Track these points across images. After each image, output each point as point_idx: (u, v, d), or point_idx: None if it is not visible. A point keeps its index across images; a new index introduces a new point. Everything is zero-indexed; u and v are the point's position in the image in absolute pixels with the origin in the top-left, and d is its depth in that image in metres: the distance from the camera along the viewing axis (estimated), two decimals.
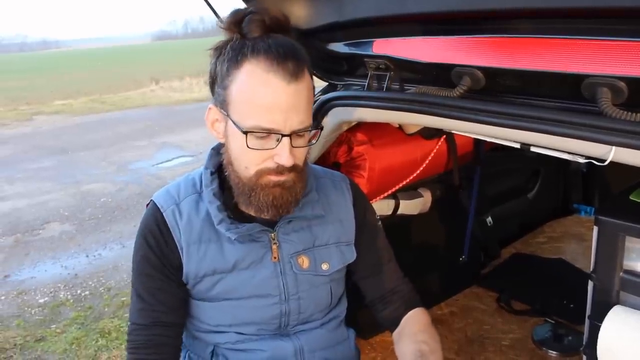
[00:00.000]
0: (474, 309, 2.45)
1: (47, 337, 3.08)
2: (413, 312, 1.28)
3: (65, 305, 3.43)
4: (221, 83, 1.05)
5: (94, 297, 3.52)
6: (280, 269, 1.17)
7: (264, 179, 1.06)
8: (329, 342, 1.25)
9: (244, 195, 1.10)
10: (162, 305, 1.14)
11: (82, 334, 3.08)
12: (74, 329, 3.14)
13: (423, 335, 1.21)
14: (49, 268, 3.97)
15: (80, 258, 4.12)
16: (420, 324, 1.25)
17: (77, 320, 3.24)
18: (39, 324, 3.23)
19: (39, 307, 3.43)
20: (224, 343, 1.19)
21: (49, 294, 3.59)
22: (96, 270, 3.87)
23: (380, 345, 2.06)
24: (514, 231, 3.16)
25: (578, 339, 2.31)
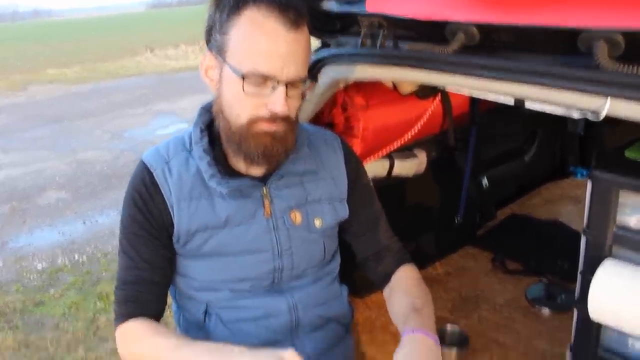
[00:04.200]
0: (468, 269, 2.47)
1: (46, 301, 3.12)
2: (403, 269, 1.28)
3: (63, 271, 3.46)
4: (220, 29, 1.05)
5: (91, 262, 3.54)
6: (273, 225, 1.17)
7: (256, 127, 1.06)
8: (322, 298, 1.25)
9: (234, 144, 1.09)
10: (147, 264, 1.15)
11: (81, 298, 3.11)
12: (73, 293, 3.18)
13: (415, 290, 1.22)
14: (46, 235, 3.99)
15: (77, 224, 4.13)
16: (411, 279, 1.26)
17: (75, 284, 3.27)
18: (37, 289, 3.27)
19: (37, 273, 3.46)
20: (216, 301, 1.20)
21: (46, 260, 3.62)
22: (93, 236, 3.89)
23: (375, 303, 2.08)
24: (509, 193, 3.16)
25: (571, 297, 2.33)
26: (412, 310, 1.14)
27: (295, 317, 1.20)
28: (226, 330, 1.19)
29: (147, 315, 1.15)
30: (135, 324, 1.13)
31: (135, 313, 1.14)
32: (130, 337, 1.14)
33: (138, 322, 1.13)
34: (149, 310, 1.16)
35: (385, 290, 1.29)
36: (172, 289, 1.26)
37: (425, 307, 1.16)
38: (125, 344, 1.14)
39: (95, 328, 2.83)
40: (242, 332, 1.19)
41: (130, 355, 1.14)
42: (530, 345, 2.02)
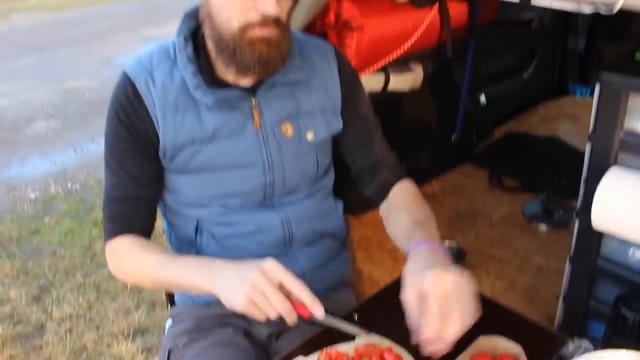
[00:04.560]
0: (465, 186, 2.44)
1: (41, 229, 3.11)
2: (400, 184, 1.23)
3: (57, 199, 3.43)
4: None
5: (84, 189, 3.51)
6: (263, 138, 1.12)
7: (249, 34, 1.00)
8: (316, 212, 1.21)
9: (227, 53, 1.03)
10: (134, 180, 1.11)
11: (76, 225, 3.10)
12: (67, 221, 3.16)
13: (414, 206, 1.17)
14: (38, 164, 3.93)
15: (68, 153, 4.07)
16: (409, 195, 1.21)
17: (70, 212, 3.25)
18: (32, 217, 3.25)
19: (30, 202, 3.43)
20: (207, 217, 1.16)
21: (39, 189, 3.58)
22: (85, 164, 3.84)
23: (371, 221, 2.06)
24: (507, 111, 3.10)
25: (568, 213, 2.33)
26: (415, 224, 1.09)
27: (288, 232, 1.17)
28: (218, 247, 1.16)
29: (135, 231, 1.12)
30: (124, 241, 1.11)
31: (124, 230, 1.12)
32: (118, 253, 1.12)
33: (126, 239, 1.11)
34: (138, 227, 1.13)
35: (383, 208, 1.23)
36: (161, 206, 1.23)
37: (428, 219, 1.12)
38: (114, 260, 1.13)
39: (92, 254, 2.83)
40: (235, 248, 1.16)
41: (119, 271, 1.13)
42: (527, 260, 2.02)
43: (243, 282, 0.90)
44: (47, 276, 2.68)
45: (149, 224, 1.16)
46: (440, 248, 1.00)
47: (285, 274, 0.91)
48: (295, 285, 0.91)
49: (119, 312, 2.37)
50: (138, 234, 1.12)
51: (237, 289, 0.91)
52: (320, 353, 0.89)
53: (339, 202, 1.29)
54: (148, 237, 1.16)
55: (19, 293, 2.54)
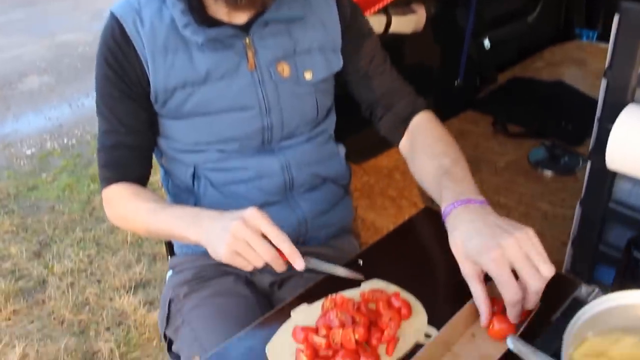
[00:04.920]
0: (468, 133, 2.39)
1: (39, 185, 3.07)
2: (420, 119, 1.12)
3: (53, 155, 3.38)
4: None
5: (81, 145, 3.46)
6: (259, 78, 1.06)
7: None
8: (317, 156, 1.16)
9: None
10: (125, 128, 1.07)
11: (74, 180, 3.06)
12: (65, 176, 3.12)
13: (440, 145, 1.03)
14: (32, 120, 3.87)
15: (63, 108, 4.00)
16: (433, 131, 1.09)
17: (67, 168, 3.21)
18: (29, 174, 3.21)
19: (27, 159, 3.38)
20: (204, 163, 1.12)
21: (35, 145, 3.53)
22: (81, 119, 3.77)
23: (373, 169, 2.01)
24: (511, 56, 3.02)
25: (574, 159, 2.29)
26: (444, 173, 0.95)
27: (289, 177, 1.12)
28: (217, 194, 1.12)
29: (130, 179, 1.09)
30: (118, 188, 1.08)
31: (118, 177, 1.09)
32: (113, 201, 1.09)
33: (120, 186, 1.08)
34: (132, 175, 1.10)
35: (404, 145, 1.12)
36: (157, 153, 1.19)
37: (456, 165, 0.98)
38: (109, 207, 1.11)
39: (91, 209, 2.80)
40: (234, 195, 1.12)
41: (115, 218, 1.11)
42: (532, 207, 1.99)
43: (225, 231, 0.86)
44: (47, 232, 2.65)
45: (143, 172, 1.12)
46: (477, 203, 0.86)
47: (265, 222, 0.86)
48: (275, 234, 0.86)
49: (120, 266, 2.36)
50: (133, 182, 1.09)
51: (220, 239, 0.86)
52: (325, 300, 0.85)
53: (340, 146, 1.24)
54: (144, 184, 1.12)
55: (19, 249, 2.53)
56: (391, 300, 0.85)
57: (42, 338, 2.04)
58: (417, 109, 1.13)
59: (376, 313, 0.83)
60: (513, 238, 0.77)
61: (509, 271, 0.76)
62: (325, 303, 0.85)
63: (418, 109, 1.13)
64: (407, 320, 0.83)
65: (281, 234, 0.86)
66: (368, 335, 0.79)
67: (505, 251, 0.76)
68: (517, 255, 0.76)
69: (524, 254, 0.76)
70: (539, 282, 0.75)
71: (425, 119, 1.12)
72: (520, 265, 0.76)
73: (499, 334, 0.79)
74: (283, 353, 0.80)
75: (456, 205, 0.86)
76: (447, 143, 1.05)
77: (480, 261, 0.78)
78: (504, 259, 0.76)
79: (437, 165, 0.98)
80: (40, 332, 2.08)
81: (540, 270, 0.76)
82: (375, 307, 0.84)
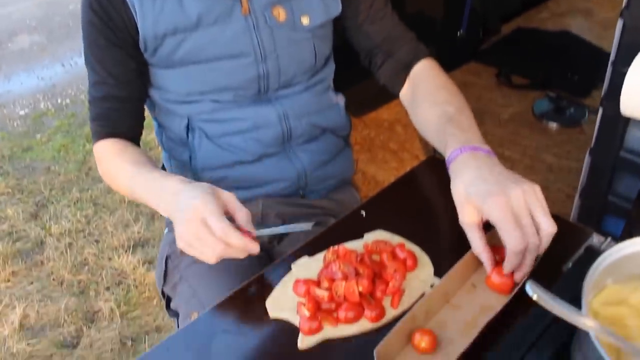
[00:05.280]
0: (471, 85, 2.33)
1: (33, 146, 3.02)
2: (423, 66, 1.06)
3: (47, 115, 3.32)
4: None
5: (75, 104, 3.39)
6: (253, 23, 1.00)
7: None
8: (316, 106, 1.11)
9: None
10: (114, 79, 1.02)
11: (69, 140, 3.01)
12: (60, 136, 3.06)
13: (443, 93, 0.98)
14: (25, 80, 3.78)
15: (55, 68, 3.91)
16: (436, 78, 1.03)
17: (62, 128, 3.15)
18: (23, 135, 3.15)
19: (20, 119, 3.32)
20: (198, 114, 1.07)
21: (28, 105, 3.46)
22: (74, 78, 3.69)
23: (373, 121, 1.96)
24: (515, 6, 2.94)
25: (580, 111, 2.24)
26: (447, 121, 0.90)
27: (286, 128, 1.07)
28: (212, 146, 1.08)
29: (120, 133, 1.05)
30: (107, 144, 1.04)
31: (108, 131, 1.05)
32: (102, 158, 1.05)
33: (109, 143, 1.04)
34: (122, 128, 1.05)
35: (404, 94, 1.07)
36: (149, 105, 1.14)
37: (461, 113, 0.92)
38: (99, 164, 1.07)
39: (87, 169, 2.76)
40: (231, 147, 1.07)
41: (103, 173, 1.08)
42: (537, 159, 1.95)
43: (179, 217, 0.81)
44: (43, 193, 2.62)
45: (135, 126, 1.08)
46: (483, 151, 0.82)
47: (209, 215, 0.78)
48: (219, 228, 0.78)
49: (118, 225, 2.33)
50: (124, 137, 1.05)
51: (177, 225, 0.81)
52: (327, 251, 0.82)
53: (340, 96, 1.19)
54: (136, 139, 1.08)
55: (16, 211, 2.49)
56: (396, 251, 0.81)
57: (42, 299, 2.03)
58: (419, 55, 1.07)
59: (380, 265, 0.79)
60: (520, 189, 0.73)
61: (513, 218, 0.72)
62: (327, 255, 0.81)
63: (420, 56, 1.07)
64: (412, 271, 0.80)
65: (226, 227, 0.77)
66: (372, 287, 0.76)
67: (510, 200, 0.73)
68: (521, 207, 0.73)
69: (528, 208, 0.73)
70: (536, 240, 0.72)
71: (428, 66, 1.06)
72: (522, 218, 0.72)
73: (498, 285, 0.76)
74: (284, 307, 0.77)
75: (462, 151, 0.82)
76: (451, 91, 0.99)
77: (483, 206, 0.74)
78: (509, 207, 0.72)
79: (440, 113, 0.93)
80: (40, 293, 2.06)
81: (541, 227, 0.73)
82: (379, 259, 0.80)
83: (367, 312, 0.74)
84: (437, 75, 1.04)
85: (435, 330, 0.71)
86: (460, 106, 0.95)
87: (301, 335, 0.73)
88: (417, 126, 1.02)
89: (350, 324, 0.74)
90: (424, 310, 0.73)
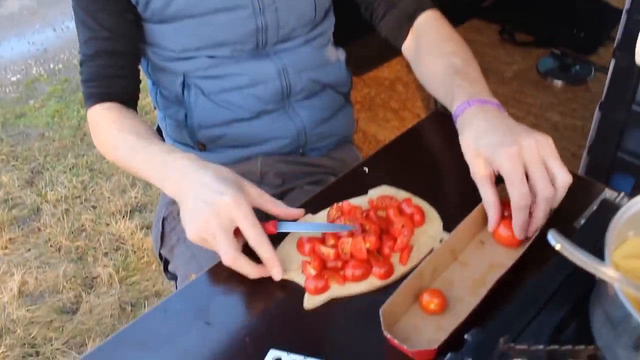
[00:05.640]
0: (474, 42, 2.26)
1: (27, 112, 2.96)
2: (427, 17, 1.00)
3: (40, 81, 3.25)
4: None
5: (68, 69, 3.31)
6: None
7: None
8: (316, 61, 1.06)
9: None
10: (108, 32, 0.96)
11: (63, 106, 2.95)
12: (53, 102, 3.00)
13: (449, 44, 0.94)
14: (15, 45, 3.70)
15: (47, 32, 3.82)
16: (440, 29, 0.98)
17: (55, 93, 3.09)
18: (15, 101, 3.09)
19: (12, 85, 3.25)
20: (194, 70, 1.02)
21: (20, 71, 3.38)
22: (66, 43, 3.61)
23: (374, 80, 1.91)
24: None
25: (586, 68, 2.18)
26: (454, 73, 0.86)
27: (286, 83, 1.03)
28: (209, 103, 1.03)
29: (116, 95, 0.98)
30: (103, 110, 0.97)
31: (102, 93, 0.98)
32: (97, 124, 0.98)
33: (106, 108, 0.97)
34: (118, 88, 0.99)
35: (407, 47, 1.01)
36: (144, 64, 1.08)
37: (468, 65, 0.89)
38: (94, 132, 0.99)
39: (82, 135, 2.71)
40: (228, 104, 1.03)
41: (98, 143, 1.00)
42: (542, 117, 1.91)
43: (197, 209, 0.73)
44: (38, 159, 2.57)
45: (131, 86, 1.01)
46: (492, 105, 0.79)
47: (242, 218, 0.72)
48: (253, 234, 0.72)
49: (115, 191, 2.30)
50: (119, 100, 0.98)
51: (191, 216, 0.74)
52: (331, 208, 0.78)
53: (340, 50, 1.14)
54: (133, 102, 1.02)
55: (11, 177, 2.46)
56: (402, 206, 0.77)
57: (40, 265, 2.01)
58: (423, 6, 1.01)
59: (387, 221, 0.76)
60: (533, 139, 0.70)
61: (522, 171, 0.69)
62: (330, 212, 0.78)
63: (424, 7, 1.01)
64: (420, 227, 0.77)
65: (260, 234, 0.72)
66: (380, 243, 0.72)
67: (523, 150, 0.69)
68: (534, 158, 0.69)
69: (541, 159, 0.70)
70: (551, 191, 0.69)
71: (432, 17, 1.00)
72: (535, 169, 0.69)
73: (506, 240, 0.73)
74: (288, 266, 0.74)
75: (471, 104, 0.78)
76: (457, 42, 0.95)
77: (494, 157, 0.70)
78: (520, 158, 0.69)
79: (446, 65, 0.89)
80: (37, 260, 2.04)
81: (557, 177, 0.69)
82: (385, 215, 0.77)
83: (376, 269, 0.71)
84: (442, 26, 0.99)
85: (443, 289, 0.69)
86: (467, 58, 0.91)
87: (307, 295, 0.70)
88: (421, 79, 0.97)
89: (357, 282, 0.71)
90: (431, 268, 0.70)
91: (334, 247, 0.72)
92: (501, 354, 0.55)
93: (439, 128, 0.98)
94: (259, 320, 0.70)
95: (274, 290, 0.73)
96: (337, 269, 0.71)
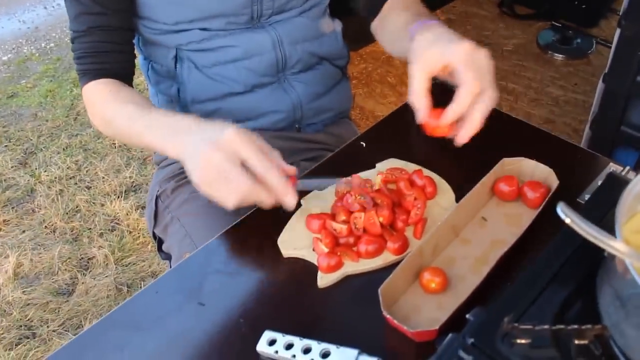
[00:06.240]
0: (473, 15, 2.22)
1: (19, 92, 2.92)
2: None
3: (32, 60, 3.19)
4: None
5: (60, 48, 3.26)
6: None
7: None
8: (311, 32, 1.03)
9: None
10: (100, 6, 0.93)
11: (55, 85, 2.90)
12: (45, 82, 2.96)
13: (415, 6, 0.98)
14: (5, 24, 3.63)
15: (38, 10, 3.75)
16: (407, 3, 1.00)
17: (47, 73, 3.04)
18: (7, 81, 3.04)
19: (3, 65, 3.20)
20: (187, 44, 0.99)
21: (11, 50, 3.32)
22: (58, 21, 3.54)
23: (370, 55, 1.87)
24: None
25: (587, 42, 2.14)
26: (415, 16, 0.91)
27: (281, 55, 1.00)
28: (202, 77, 1.00)
29: (111, 71, 0.95)
30: (97, 86, 0.94)
31: (96, 69, 0.95)
32: (93, 98, 0.95)
33: (100, 83, 0.94)
34: (112, 63, 0.96)
35: (375, 24, 1.04)
36: (136, 39, 1.05)
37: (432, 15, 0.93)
38: (89, 109, 0.97)
39: (75, 114, 2.67)
40: (222, 77, 1.00)
41: (94, 117, 0.97)
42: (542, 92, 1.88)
43: (197, 153, 0.71)
44: (31, 140, 2.54)
45: (126, 62, 0.98)
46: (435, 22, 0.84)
47: (245, 146, 0.69)
48: (258, 160, 0.69)
49: (109, 171, 2.27)
50: (114, 76, 0.95)
51: (194, 162, 0.72)
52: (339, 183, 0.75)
53: (337, 22, 1.10)
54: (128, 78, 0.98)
55: (4, 159, 2.42)
56: (413, 178, 0.75)
57: (35, 247, 1.99)
58: None
59: (398, 193, 0.73)
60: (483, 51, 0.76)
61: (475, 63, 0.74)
62: (338, 187, 0.75)
63: None
64: (432, 199, 0.74)
65: (266, 160, 0.69)
66: (393, 217, 0.70)
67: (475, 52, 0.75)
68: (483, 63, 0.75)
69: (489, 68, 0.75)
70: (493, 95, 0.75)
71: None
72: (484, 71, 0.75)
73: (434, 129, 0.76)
74: (298, 245, 0.71)
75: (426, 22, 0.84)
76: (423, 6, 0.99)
77: (446, 50, 0.75)
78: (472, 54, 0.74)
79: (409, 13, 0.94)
80: (32, 241, 2.02)
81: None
82: (396, 188, 0.74)
83: (390, 244, 0.69)
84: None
85: (444, 267, 0.67)
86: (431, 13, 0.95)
87: (320, 273, 0.68)
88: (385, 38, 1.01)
89: (372, 257, 0.68)
90: (432, 246, 0.68)
91: (345, 222, 0.69)
92: (505, 334, 0.53)
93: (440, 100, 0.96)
94: (254, 301, 0.68)
95: (270, 270, 0.70)
96: (350, 245, 0.69)
